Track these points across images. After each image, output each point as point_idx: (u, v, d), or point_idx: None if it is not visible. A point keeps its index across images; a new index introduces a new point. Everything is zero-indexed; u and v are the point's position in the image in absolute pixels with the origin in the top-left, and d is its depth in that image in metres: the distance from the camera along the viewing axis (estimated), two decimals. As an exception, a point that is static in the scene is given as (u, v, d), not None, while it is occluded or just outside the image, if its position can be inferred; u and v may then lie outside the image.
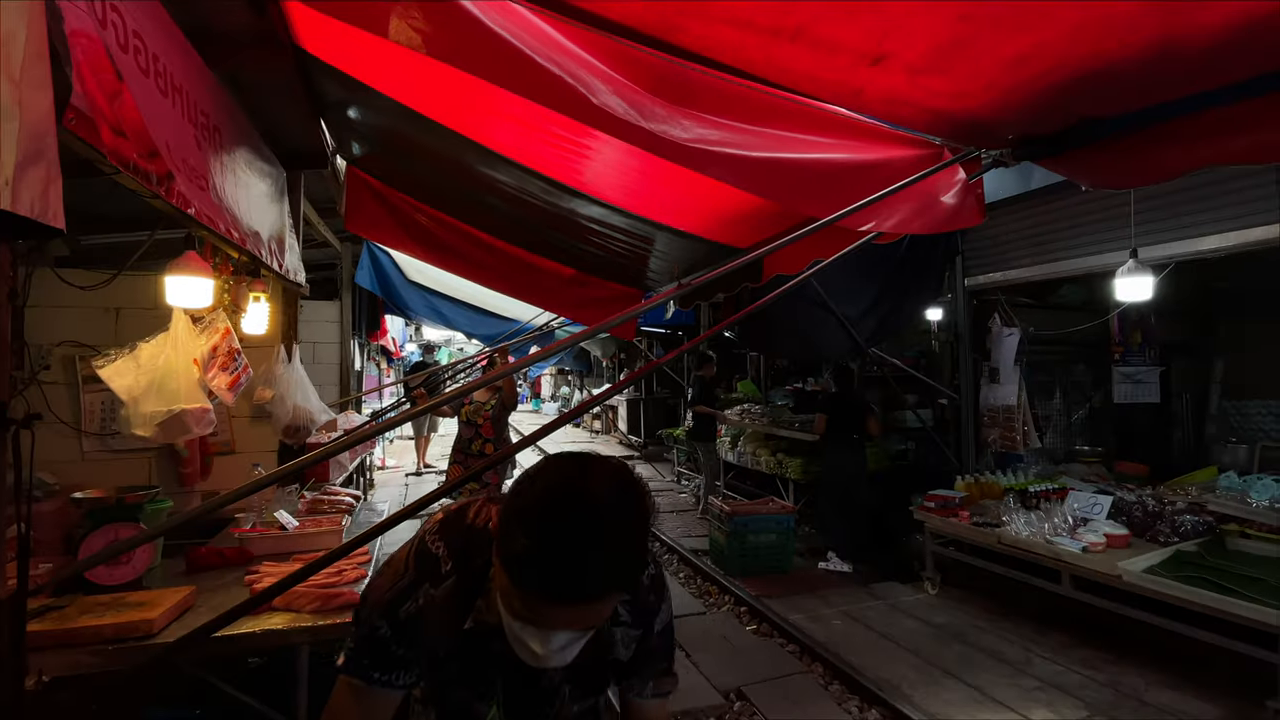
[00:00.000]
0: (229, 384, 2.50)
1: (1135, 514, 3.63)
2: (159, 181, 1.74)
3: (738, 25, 1.46)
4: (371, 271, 6.48)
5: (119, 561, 2.14)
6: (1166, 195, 3.38)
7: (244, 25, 2.35)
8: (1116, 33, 1.32)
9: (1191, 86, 1.48)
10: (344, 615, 2.03)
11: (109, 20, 1.59)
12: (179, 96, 2.07)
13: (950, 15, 1.34)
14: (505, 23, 1.52)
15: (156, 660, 1.64)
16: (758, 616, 3.88)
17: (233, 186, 2.56)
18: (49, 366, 3.22)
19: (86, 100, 1.36)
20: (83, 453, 3.38)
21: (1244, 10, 1.19)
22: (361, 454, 5.76)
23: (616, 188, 2.94)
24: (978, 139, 1.90)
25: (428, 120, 2.64)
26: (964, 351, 4.87)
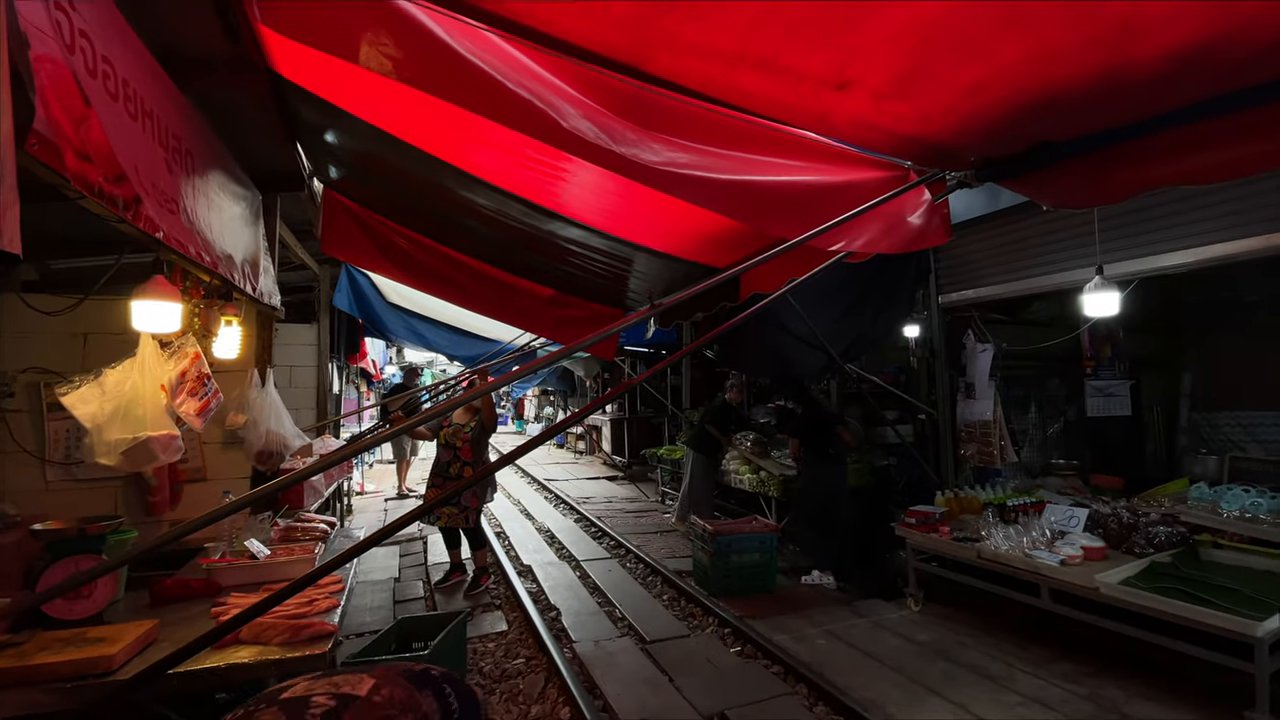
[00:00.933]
0: (198, 409, 2.46)
1: (1111, 526, 3.68)
2: (125, 205, 1.73)
3: (704, 55, 1.50)
4: (350, 294, 6.44)
5: (79, 596, 2.07)
6: (1129, 214, 3.49)
7: (219, 51, 2.35)
8: (1062, 64, 1.38)
9: (1139, 112, 1.54)
10: (314, 647, 1.98)
11: (77, 46, 1.58)
12: (149, 120, 2.06)
13: (907, 46, 1.38)
14: (475, 49, 1.54)
15: (112, 698, 1.58)
16: (741, 638, 3.84)
17: (205, 210, 2.53)
18: (13, 394, 3.14)
19: (50, 125, 1.34)
20: (46, 482, 3.28)
21: (1177, 45, 1.24)
22: (338, 479, 5.66)
23: (595, 210, 2.97)
24: (942, 161, 1.95)
25: (405, 144, 2.65)
26: (940, 367, 4.94)
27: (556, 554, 5.94)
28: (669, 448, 8.49)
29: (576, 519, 7.50)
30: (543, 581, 5.05)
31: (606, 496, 8.82)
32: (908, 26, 1.33)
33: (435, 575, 5.10)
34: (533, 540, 6.45)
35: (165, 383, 2.23)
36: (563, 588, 4.91)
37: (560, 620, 4.23)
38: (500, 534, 6.75)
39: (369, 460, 12.55)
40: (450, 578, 4.90)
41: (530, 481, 10.55)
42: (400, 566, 5.55)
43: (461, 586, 4.82)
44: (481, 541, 4.87)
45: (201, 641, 1.30)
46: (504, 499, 8.88)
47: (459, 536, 4.92)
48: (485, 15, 1.42)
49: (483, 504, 4.90)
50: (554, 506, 8.32)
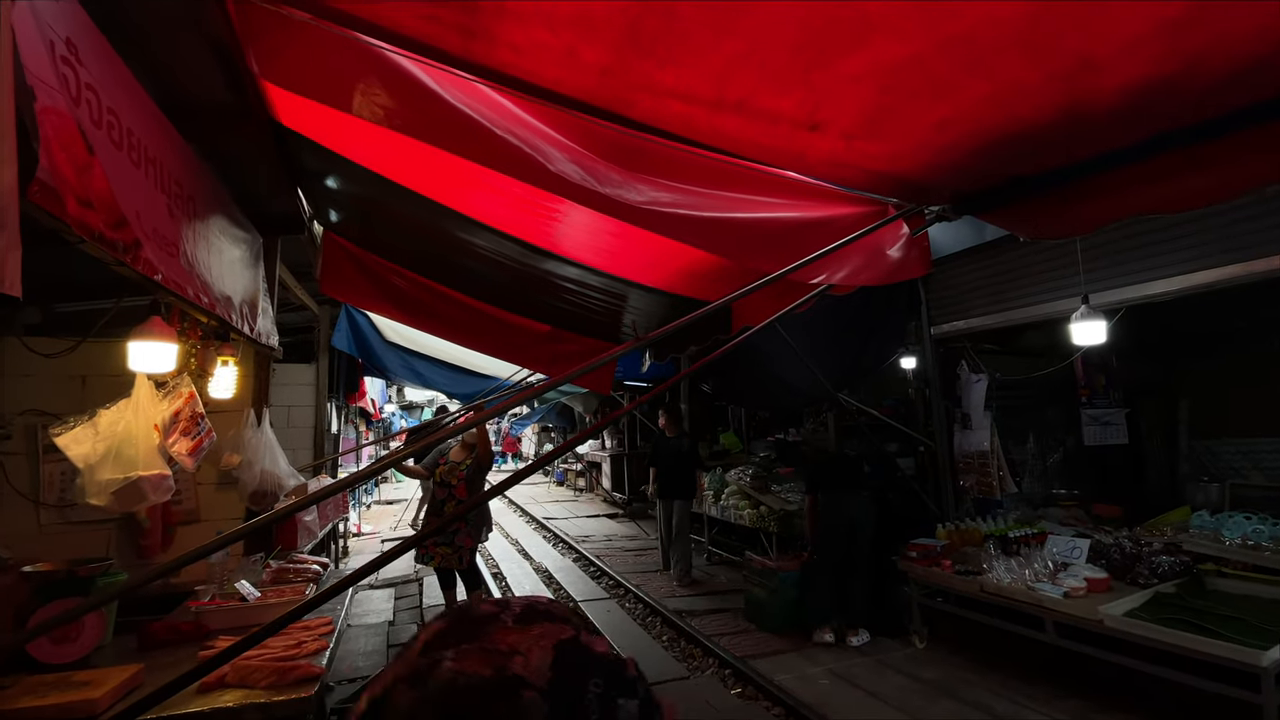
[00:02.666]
0: (190, 449, 2.47)
1: (1114, 556, 3.63)
2: (125, 249, 1.78)
3: (683, 99, 1.57)
4: (349, 334, 6.49)
5: (66, 639, 2.05)
6: (1113, 243, 3.56)
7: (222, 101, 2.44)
8: (1024, 101, 1.44)
9: (1105, 145, 1.60)
10: (301, 689, 1.95)
11: (83, 98, 1.66)
12: (152, 168, 2.13)
13: (873, 88, 1.45)
14: (464, 97, 1.61)
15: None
16: (742, 679, 3.76)
17: (205, 253, 2.59)
18: (9, 436, 3.16)
19: (53, 173, 1.40)
20: (40, 525, 3.27)
21: (1135, 79, 1.30)
22: (334, 519, 5.61)
23: (589, 248, 3.04)
24: (918, 196, 2.01)
25: (402, 188, 2.73)
26: (935, 398, 4.95)
27: (554, 594, 5.84)
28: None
29: (575, 558, 7.39)
30: (540, 622, 4.94)
31: (606, 535, 8.71)
32: (872, 70, 1.39)
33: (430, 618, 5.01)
34: (530, 581, 6.35)
35: (159, 422, 2.25)
36: (560, 628, 4.80)
37: (557, 662, 4.14)
38: (497, 574, 6.65)
39: (366, 501, 12.44)
40: (445, 620, 4.81)
41: (529, 520, 10.44)
42: (395, 609, 5.45)
43: (457, 628, 4.72)
44: (477, 582, 4.80)
45: (182, 681, 1.28)
46: (501, 539, 8.78)
47: (454, 578, 4.84)
48: (470, 66, 1.49)
49: (477, 543, 4.85)
50: (552, 545, 8.22)
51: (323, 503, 4.67)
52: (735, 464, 7.50)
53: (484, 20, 1.37)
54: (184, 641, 2.39)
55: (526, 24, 1.37)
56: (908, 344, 5.31)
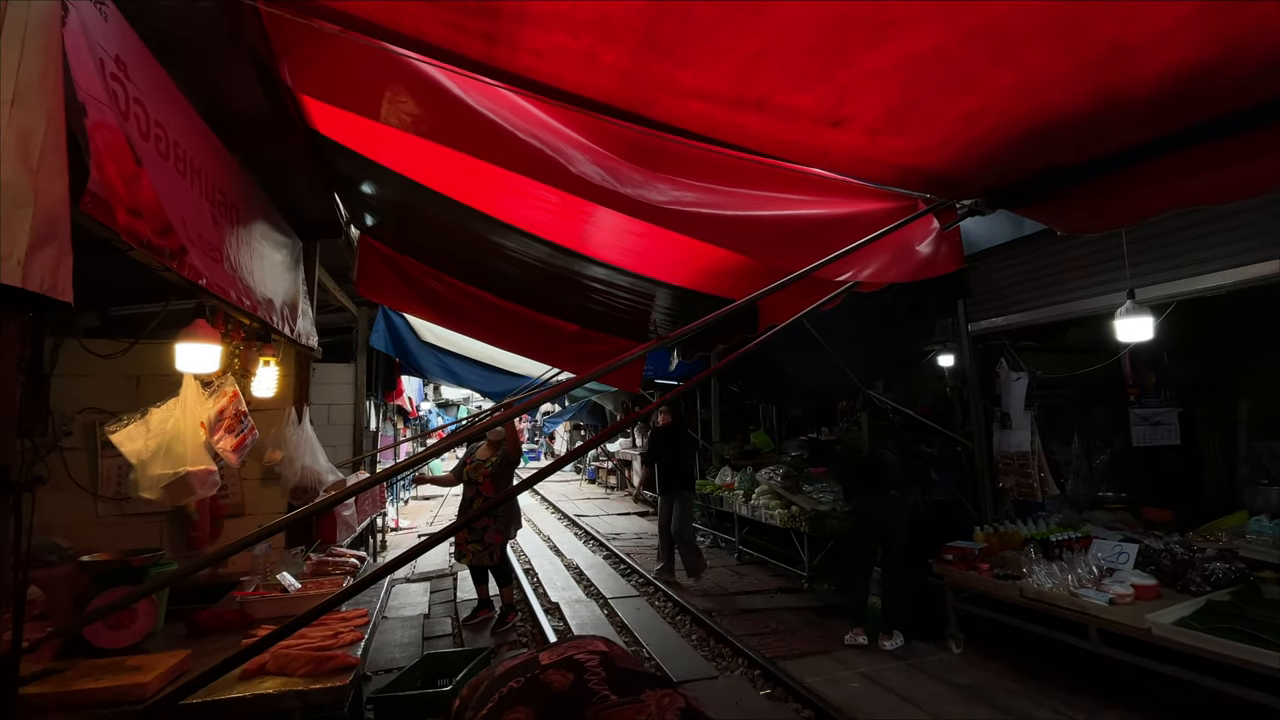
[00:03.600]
0: (234, 445, 2.58)
1: (1164, 563, 3.48)
2: (171, 255, 1.87)
3: (704, 98, 1.57)
4: (386, 334, 6.66)
5: (120, 626, 2.16)
6: (1161, 235, 3.40)
7: (261, 112, 2.54)
8: (1056, 90, 1.39)
9: (1145, 133, 1.54)
10: (337, 679, 2.02)
11: (132, 112, 1.74)
12: (197, 177, 2.23)
13: (896, 82, 1.43)
14: (487, 102, 1.64)
15: (137, 715, 1.63)
16: (772, 680, 3.73)
17: (247, 258, 2.70)
18: (70, 433, 3.34)
19: (103, 185, 1.48)
20: (98, 517, 3.45)
21: (1174, 65, 1.25)
22: (371, 515, 5.77)
23: (614, 248, 3.05)
24: (947, 190, 1.97)
25: (434, 192, 2.80)
26: (972, 397, 4.82)
27: (584, 591, 5.89)
28: (699, 481, 8.40)
29: (605, 555, 7.44)
30: (569, 619, 5.00)
31: (636, 532, 8.74)
32: (894, 64, 1.37)
33: (464, 612, 5.12)
34: (560, 577, 6.42)
35: (205, 420, 2.36)
36: (590, 626, 4.85)
37: (587, 658, 4.17)
38: (529, 570, 6.74)
39: (404, 496, 12.75)
40: (477, 614, 4.91)
41: (560, 517, 10.54)
42: (430, 603, 5.58)
43: (489, 623, 4.81)
44: (508, 578, 4.88)
45: (224, 667, 1.35)
46: (533, 535, 8.89)
47: (486, 573, 4.94)
48: (493, 72, 1.52)
49: (506, 540, 4.92)
50: (583, 543, 8.29)
51: (360, 498, 4.80)
52: (766, 463, 7.43)
53: (505, 26, 1.39)
54: (229, 630, 2.50)
55: (547, 28, 1.39)
56: (944, 341, 5.18)
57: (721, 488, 7.58)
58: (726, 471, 7.85)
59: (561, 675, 0.81)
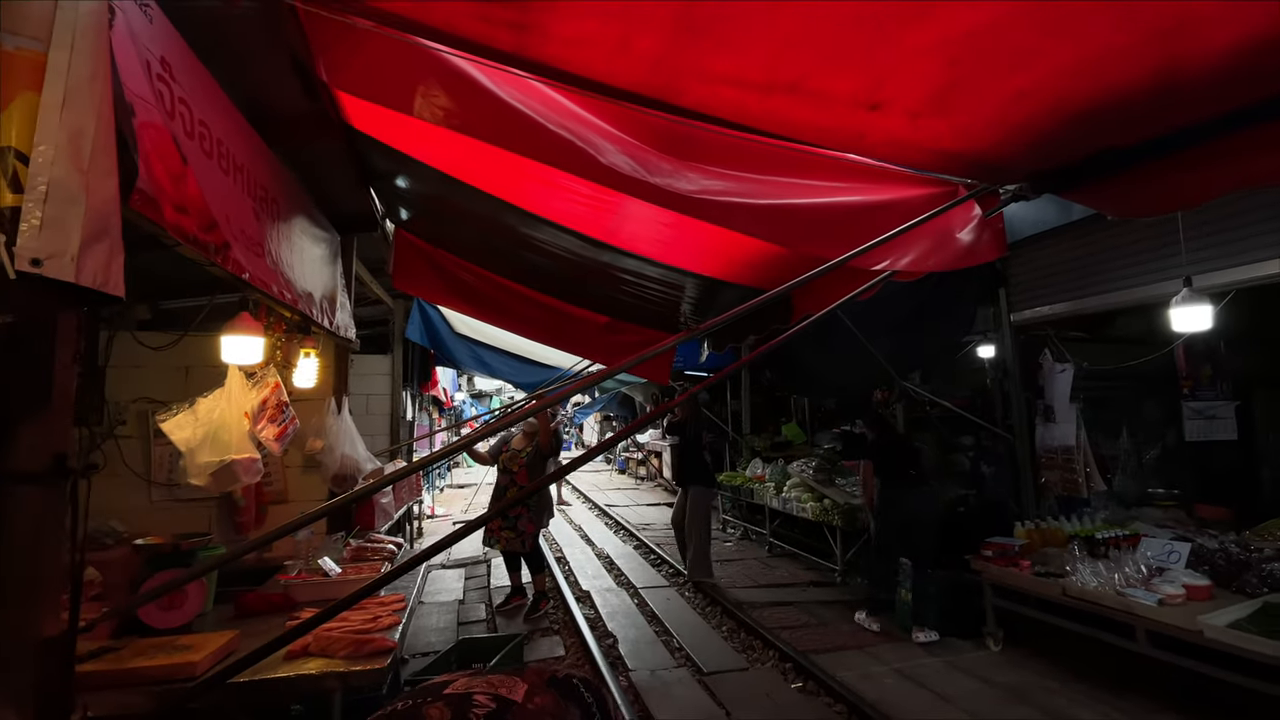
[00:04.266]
0: (276, 435, 2.66)
1: (1218, 562, 3.33)
2: (216, 250, 1.92)
3: (735, 84, 1.54)
4: (421, 326, 6.78)
5: (171, 606, 2.26)
6: (1220, 219, 3.22)
7: (300, 108, 2.59)
8: (1111, 67, 1.32)
9: (1207, 112, 1.45)
10: (375, 661, 2.07)
11: (177, 112, 1.79)
12: (240, 174, 2.29)
13: (940, 61, 1.37)
14: (517, 94, 1.64)
15: (189, 696, 1.70)
16: (803, 673, 3.70)
17: (288, 252, 2.77)
18: (125, 422, 3.50)
19: (151, 183, 1.53)
20: (151, 502, 3.61)
21: (1237, 40, 1.17)
22: (408, 502, 5.90)
23: (644, 239, 3.04)
24: (991, 175, 1.89)
25: (466, 185, 2.82)
26: (1014, 389, 4.67)
27: (615, 580, 5.93)
28: (729, 474, 8.36)
29: (635, 545, 7.48)
30: (601, 608, 5.05)
31: (666, 523, 8.74)
32: (940, 41, 1.32)
33: (498, 598, 5.21)
34: (592, 566, 6.48)
35: (249, 410, 2.44)
36: (620, 615, 4.89)
37: (617, 648, 4.21)
38: (560, 559, 6.81)
39: (439, 485, 13.02)
40: (510, 601, 4.99)
41: (591, 507, 10.63)
42: (465, 589, 5.69)
43: (522, 610, 4.89)
44: (540, 566, 4.94)
45: (270, 648, 1.39)
46: (565, 524, 8.98)
47: (519, 560, 5.01)
48: (523, 63, 1.52)
49: (539, 529, 4.98)
50: (614, 533, 8.34)
51: (398, 486, 4.92)
52: (798, 455, 7.35)
53: (534, 15, 1.38)
54: (274, 611, 2.59)
55: (577, 15, 1.38)
56: (984, 331, 5.02)
57: (752, 480, 7.54)
58: (757, 464, 7.81)
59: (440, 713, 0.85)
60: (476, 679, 0.94)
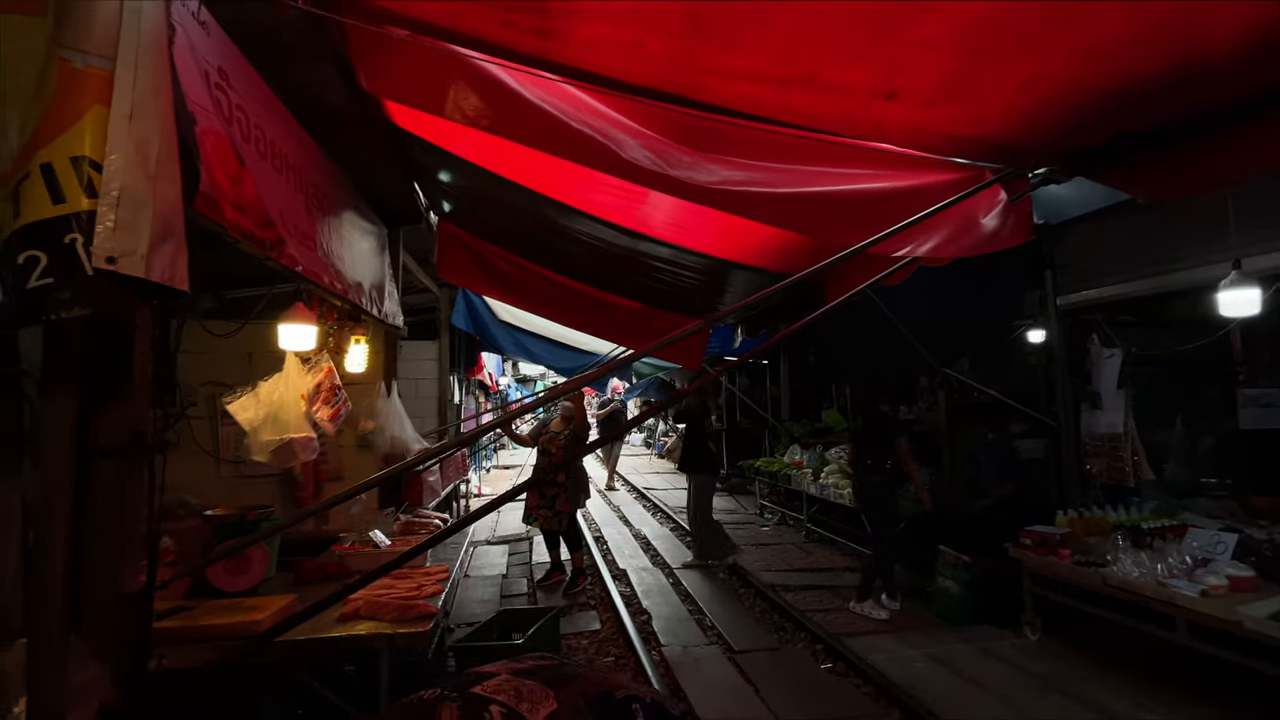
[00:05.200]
0: (330, 416, 2.86)
1: (1265, 553, 3.20)
2: (271, 246, 2.09)
3: (751, 79, 1.58)
4: (466, 314, 7.00)
5: (239, 572, 2.48)
6: (1272, 200, 3.06)
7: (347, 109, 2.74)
8: (1124, 52, 1.32)
9: (1227, 96, 1.43)
10: (419, 625, 2.24)
11: (234, 118, 1.95)
12: (292, 173, 2.46)
13: (950, 50, 1.39)
14: (542, 94, 1.73)
15: (250, 647, 1.88)
16: (834, 655, 3.75)
17: (338, 245, 2.95)
18: (195, 403, 3.79)
19: (212, 185, 1.68)
20: (220, 477, 3.91)
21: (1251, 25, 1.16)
22: (455, 480, 6.16)
23: (677, 227, 3.10)
24: (1016, 159, 1.88)
25: (505, 180, 2.93)
26: (1060, 375, 4.54)
27: (651, 560, 6.07)
28: (767, 459, 8.37)
29: (672, 527, 7.60)
30: (636, 586, 5.19)
31: (705, 507, 8.84)
32: (946, 32, 1.33)
33: (538, 574, 5.42)
34: (629, 546, 6.64)
35: (305, 393, 2.63)
36: (655, 593, 5.03)
37: (650, 624, 4.35)
38: (599, 539, 7.00)
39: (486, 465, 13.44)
40: (550, 576, 5.19)
41: (630, 489, 10.80)
42: (508, 564, 5.94)
43: (561, 585, 5.08)
44: (578, 543, 5.11)
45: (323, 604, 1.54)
46: (604, 505, 9.18)
47: (558, 538, 5.20)
48: (548, 65, 1.60)
49: (575, 508, 5.15)
50: (651, 514, 8.49)
51: (445, 465, 5.15)
52: (837, 442, 7.31)
53: (554, 21, 1.46)
54: (330, 579, 2.80)
55: (593, 21, 1.45)
56: (1031, 315, 4.88)
57: (790, 466, 7.54)
58: (796, 449, 7.79)
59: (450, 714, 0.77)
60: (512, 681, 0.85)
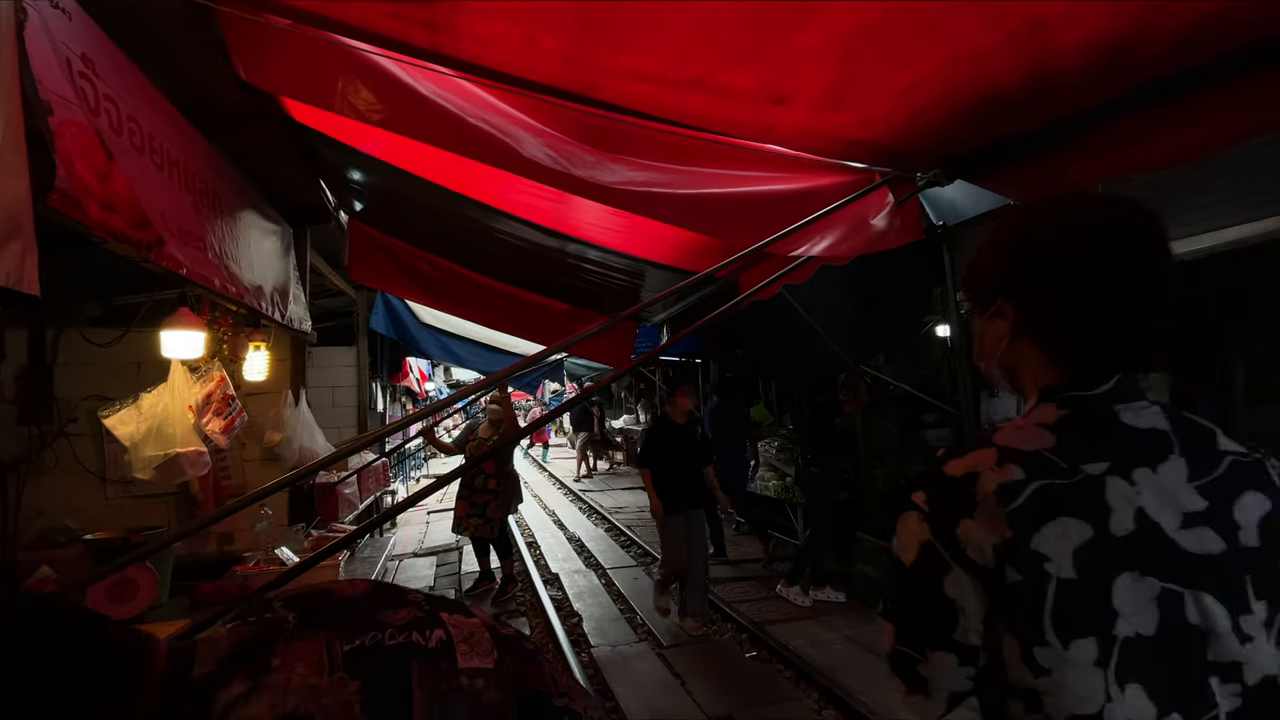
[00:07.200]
0: (223, 428, 2.69)
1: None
2: (148, 247, 1.94)
3: (645, 80, 1.60)
4: (386, 317, 6.75)
5: (121, 598, 2.30)
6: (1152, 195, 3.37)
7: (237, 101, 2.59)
8: (987, 63, 1.42)
9: (1082, 104, 1.56)
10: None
11: (102, 109, 1.80)
12: (175, 169, 2.30)
13: (830, 58, 1.45)
14: (439, 90, 1.69)
15: None
16: (758, 643, 3.85)
17: (232, 246, 2.78)
18: (75, 419, 3.47)
19: (72, 181, 1.55)
20: (107, 499, 3.60)
21: (1089, 39, 1.27)
22: (375, 492, 5.92)
23: (600, 228, 3.10)
24: (904, 163, 1.99)
25: (415, 177, 2.84)
26: (960, 366, 4.84)
27: (584, 562, 6.05)
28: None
29: (607, 528, 7.60)
30: (568, 589, 5.16)
31: (639, 506, 8.88)
32: (826, 41, 1.39)
33: (468, 584, 5.29)
34: (562, 549, 6.59)
35: (193, 404, 2.46)
36: (587, 595, 5.01)
37: (581, 626, 4.33)
38: (532, 543, 6.91)
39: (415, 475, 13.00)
40: (479, 585, 5.08)
41: (566, 493, 10.73)
42: (436, 576, 5.76)
43: (490, 594, 4.98)
44: (508, 550, 5.03)
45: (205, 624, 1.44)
46: (539, 510, 9.07)
47: (488, 546, 5.09)
48: (442, 59, 1.57)
49: (507, 514, 5.06)
50: (586, 517, 8.45)
51: (363, 476, 4.94)
52: (763, 436, 7.51)
53: (443, 14, 1.43)
54: (231, 603, 2.64)
55: (484, 16, 1.43)
56: (937, 311, 5.18)
57: (720, 461, 7.68)
58: (726, 445, 7.94)
59: None
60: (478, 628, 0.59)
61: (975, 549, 0.77)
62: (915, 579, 0.83)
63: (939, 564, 0.79)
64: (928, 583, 0.81)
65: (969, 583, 0.77)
